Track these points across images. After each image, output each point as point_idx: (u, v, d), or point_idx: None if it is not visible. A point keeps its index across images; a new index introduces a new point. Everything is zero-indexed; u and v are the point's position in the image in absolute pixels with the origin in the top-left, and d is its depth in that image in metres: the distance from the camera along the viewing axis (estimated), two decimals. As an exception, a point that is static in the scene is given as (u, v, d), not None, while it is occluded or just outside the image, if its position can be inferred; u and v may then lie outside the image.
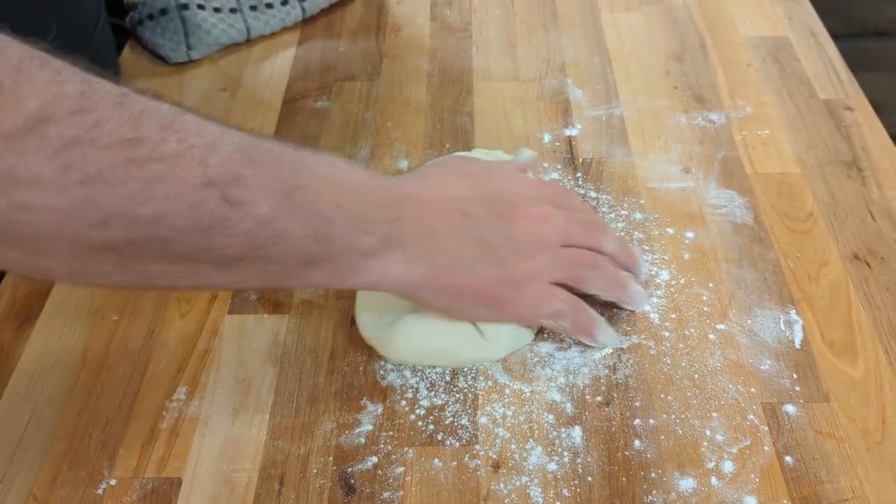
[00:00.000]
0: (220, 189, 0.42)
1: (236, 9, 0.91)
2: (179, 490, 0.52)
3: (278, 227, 0.45)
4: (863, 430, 0.54)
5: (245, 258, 0.45)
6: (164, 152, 0.40)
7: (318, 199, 0.47)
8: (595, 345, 0.58)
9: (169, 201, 0.40)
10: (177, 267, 0.43)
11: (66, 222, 0.38)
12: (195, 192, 0.41)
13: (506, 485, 0.52)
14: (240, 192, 0.42)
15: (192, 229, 0.41)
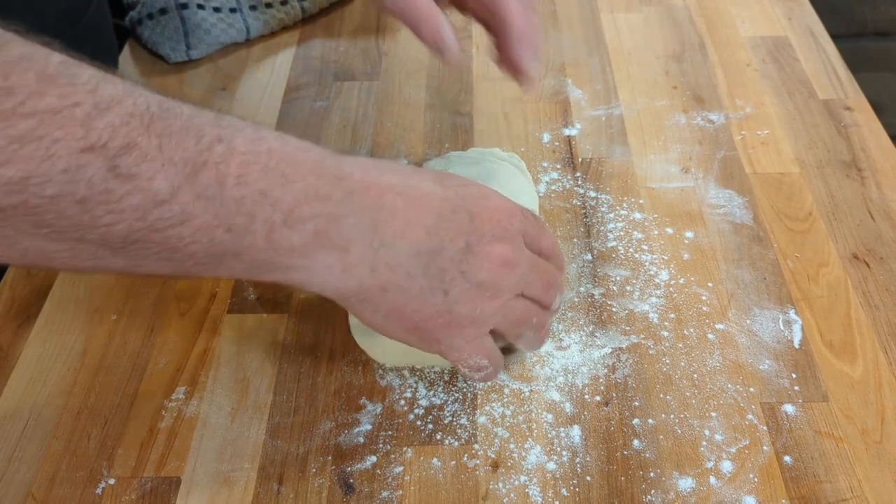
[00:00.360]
0: (105, 156, 0.36)
1: (236, 8, 0.91)
2: (178, 489, 0.52)
3: (177, 209, 0.38)
4: (862, 430, 0.54)
5: (138, 240, 0.38)
6: (36, 107, 0.34)
7: (234, 182, 0.39)
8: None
9: (35, 163, 0.34)
10: (60, 245, 0.38)
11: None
12: (70, 157, 0.35)
13: (505, 484, 0.52)
14: (131, 161, 0.36)
15: (65, 198, 0.35)
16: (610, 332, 0.60)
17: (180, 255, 0.40)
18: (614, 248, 0.66)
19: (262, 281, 0.46)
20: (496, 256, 0.48)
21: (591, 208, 0.70)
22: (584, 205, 0.70)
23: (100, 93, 0.36)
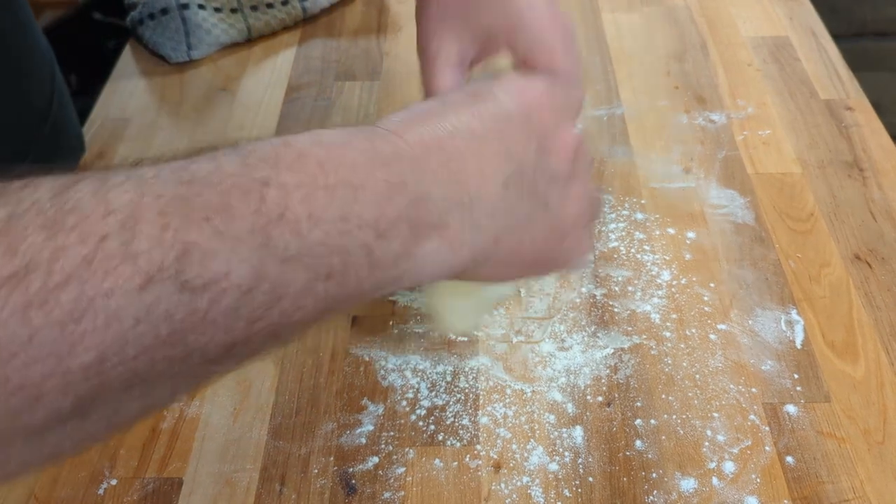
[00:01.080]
0: (171, 278, 0.29)
1: (237, 8, 0.91)
2: (180, 490, 0.52)
3: (267, 287, 0.31)
4: (864, 431, 0.54)
5: (237, 342, 0.32)
6: (67, 269, 0.27)
7: (310, 223, 0.33)
8: None
9: (102, 333, 0.27)
10: (158, 391, 0.31)
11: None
12: (132, 303, 0.28)
13: (507, 485, 0.51)
14: (199, 267, 0.29)
15: (152, 348, 0.29)
16: (612, 333, 0.60)
17: (287, 331, 0.34)
18: (616, 248, 0.66)
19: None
20: (568, 142, 0.43)
21: (593, 208, 0.70)
22: (586, 205, 0.70)
23: (114, 203, 0.29)
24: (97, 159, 0.77)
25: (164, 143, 0.79)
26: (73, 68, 1.14)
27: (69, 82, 1.14)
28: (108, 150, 0.78)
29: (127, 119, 0.82)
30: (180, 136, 0.80)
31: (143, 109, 0.83)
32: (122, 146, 0.79)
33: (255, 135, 0.78)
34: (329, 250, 0.33)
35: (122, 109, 0.83)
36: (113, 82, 0.87)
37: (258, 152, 0.34)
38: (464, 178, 0.39)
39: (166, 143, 0.79)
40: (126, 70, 0.88)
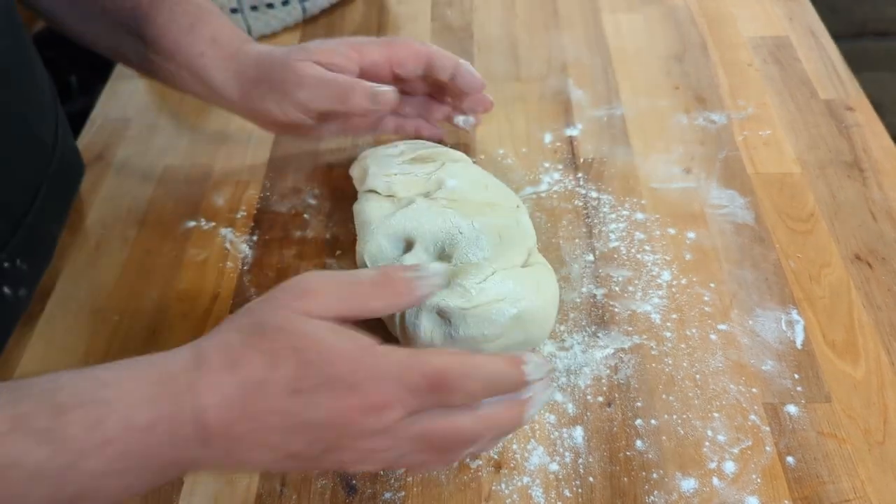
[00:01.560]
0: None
1: (237, 9, 0.91)
2: (181, 490, 0.52)
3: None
4: (864, 431, 0.54)
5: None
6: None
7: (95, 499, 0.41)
8: None
9: None
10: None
11: None
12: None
13: (507, 485, 0.51)
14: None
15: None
16: (612, 333, 0.60)
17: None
18: (616, 248, 0.66)
19: None
20: (358, 451, 0.44)
21: (593, 209, 0.70)
22: (586, 205, 0.70)
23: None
24: (97, 160, 0.77)
25: (164, 143, 0.79)
26: (73, 68, 1.14)
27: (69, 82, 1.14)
28: (108, 151, 0.78)
29: (127, 119, 0.82)
30: (180, 136, 0.80)
31: (143, 109, 0.83)
32: (122, 146, 0.79)
33: (256, 135, 0.78)
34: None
35: (122, 109, 0.83)
36: (113, 82, 0.87)
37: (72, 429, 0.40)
38: (233, 454, 0.43)
39: (166, 143, 0.79)
40: (126, 70, 0.88)
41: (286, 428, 0.43)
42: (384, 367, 0.43)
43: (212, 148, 0.78)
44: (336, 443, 0.43)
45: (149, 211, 0.72)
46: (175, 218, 0.70)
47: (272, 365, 0.43)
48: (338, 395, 0.43)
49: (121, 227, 0.70)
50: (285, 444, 0.43)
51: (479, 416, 0.44)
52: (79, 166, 0.73)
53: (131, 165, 0.77)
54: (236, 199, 0.72)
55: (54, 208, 0.66)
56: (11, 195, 0.60)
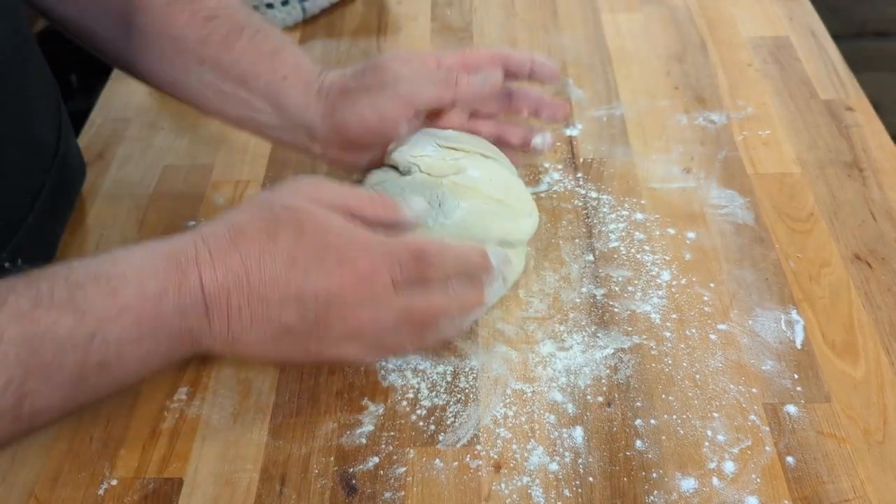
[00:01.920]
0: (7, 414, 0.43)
1: (237, 9, 0.91)
2: (181, 490, 0.52)
3: (75, 405, 0.47)
4: (864, 431, 0.54)
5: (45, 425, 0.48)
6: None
7: (117, 366, 0.47)
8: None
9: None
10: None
11: None
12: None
13: (507, 485, 0.51)
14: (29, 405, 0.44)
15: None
16: (612, 333, 0.60)
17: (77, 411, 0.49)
18: (616, 248, 0.66)
19: None
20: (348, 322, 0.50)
21: (593, 209, 0.70)
22: (586, 205, 0.70)
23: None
24: (97, 160, 0.77)
25: (164, 143, 0.79)
26: (73, 68, 1.14)
27: (69, 82, 1.14)
28: (108, 150, 0.78)
29: (127, 119, 0.82)
30: (180, 136, 0.80)
31: (143, 109, 0.83)
32: (122, 146, 0.79)
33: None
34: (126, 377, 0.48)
35: (122, 109, 0.83)
36: (113, 82, 0.87)
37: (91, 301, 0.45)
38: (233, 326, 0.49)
39: (166, 143, 0.79)
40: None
41: (281, 298, 0.48)
42: (374, 244, 0.50)
43: (212, 148, 0.78)
44: (327, 313, 0.49)
45: (149, 211, 0.72)
46: (175, 218, 0.70)
47: (272, 237, 0.48)
48: (331, 265, 0.49)
49: (121, 227, 0.70)
50: (279, 316, 0.48)
51: (449, 294, 0.52)
52: (81, 167, 0.74)
53: (131, 165, 0.77)
54: (236, 199, 0.72)
55: (56, 209, 0.67)
56: (13, 196, 0.60)
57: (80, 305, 0.45)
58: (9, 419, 0.43)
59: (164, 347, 0.48)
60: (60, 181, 0.67)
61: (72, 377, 0.44)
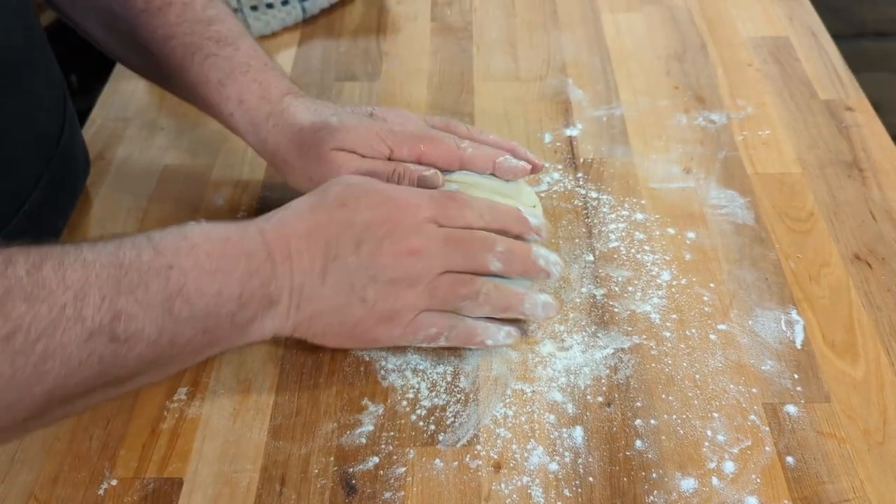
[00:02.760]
0: (105, 333, 0.44)
1: (237, 9, 0.91)
2: (180, 490, 0.52)
3: (167, 338, 0.47)
4: (864, 431, 0.54)
5: (140, 373, 0.48)
6: (40, 328, 0.41)
7: (198, 296, 0.48)
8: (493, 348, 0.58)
9: (58, 370, 0.42)
10: (82, 401, 0.46)
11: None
12: (82, 348, 0.42)
13: (507, 485, 0.51)
14: (124, 326, 0.44)
15: (89, 378, 0.44)
16: (612, 333, 0.60)
17: (172, 366, 0.50)
18: (616, 248, 0.66)
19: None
20: (399, 251, 0.54)
21: (593, 209, 0.70)
22: (586, 205, 0.70)
23: (70, 283, 0.43)
24: (98, 159, 0.77)
25: (164, 143, 0.79)
26: (73, 68, 1.14)
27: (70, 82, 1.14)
28: (108, 150, 0.78)
29: (127, 119, 0.82)
30: (180, 136, 0.80)
31: (143, 109, 0.83)
32: (122, 146, 0.79)
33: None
34: (207, 314, 0.49)
35: (122, 109, 0.83)
36: (113, 82, 0.87)
37: (165, 243, 0.48)
38: (296, 271, 0.53)
39: (166, 143, 0.79)
40: (126, 70, 0.88)
41: (337, 233, 0.53)
42: (413, 189, 0.58)
43: (212, 148, 0.78)
44: (380, 246, 0.53)
45: (149, 211, 0.72)
46: (175, 218, 0.70)
47: (323, 193, 0.56)
48: (377, 202, 0.55)
49: (121, 226, 0.70)
50: (336, 252, 0.53)
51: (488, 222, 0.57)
52: (85, 160, 0.74)
53: (131, 165, 0.77)
54: (236, 199, 0.72)
55: (57, 198, 0.67)
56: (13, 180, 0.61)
57: (156, 245, 0.48)
58: (106, 338, 0.43)
59: (235, 288, 0.50)
60: (63, 171, 0.67)
61: (158, 301, 0.46)
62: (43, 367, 0.41)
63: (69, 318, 0.42)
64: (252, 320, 0.52)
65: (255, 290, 0.51)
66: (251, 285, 0.51)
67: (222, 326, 0.50)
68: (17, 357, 0.40)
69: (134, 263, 0.46)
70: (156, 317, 0.46)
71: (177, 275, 0.47)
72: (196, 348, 0.50)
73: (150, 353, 0.46)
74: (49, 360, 0.41)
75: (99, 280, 0.44)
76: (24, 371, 0.41)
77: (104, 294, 0.44)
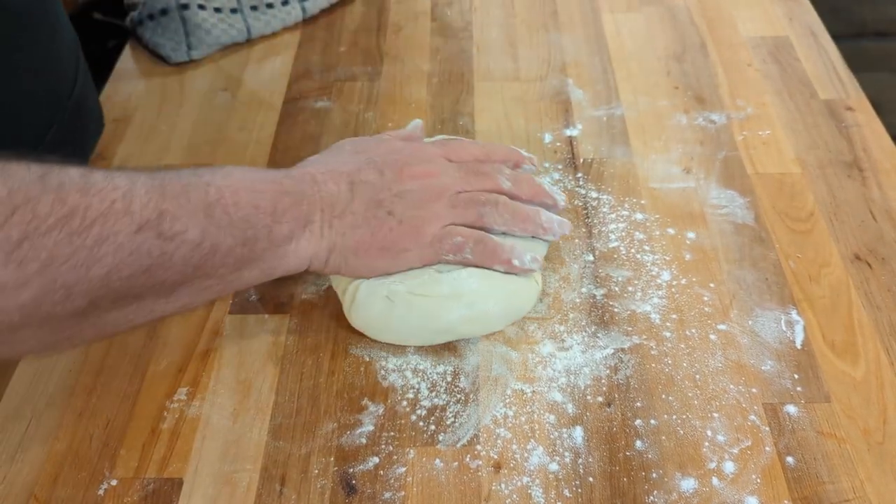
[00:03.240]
0: (152, 228, 0.46)
1: (237, 9, 0.91)
2: (180, 491, 0.52)
3: (210, 243, 0.50)
4: (864, 431, 0.54)
5: (185, 282, 0.50)
6: (94, 215, 0.44)
7: (235, 208, 0.51)
8: (519, 271, 0.59)
9: (112, 255, 0.45)
10: (128, 309, 0.48)
11: (32, 311, 0.43)
12: (132, 239, 0.45)
13: (507, 485, 0.51)
14: (169, 224, 0.47)
15: (138, 272, 0.46)
16: (612, 333, 0.60)
17: (211, 282, 0.51)
18: (616, 248, 0.66)
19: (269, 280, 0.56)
20: (418, 174, 0.59)
21: (593, 209, 0.70)
22: (586, 205, 0.70)
23: (119, 186, 0.46)
24: (98, 160, 0.77)
25: (164, 143, 0.79)
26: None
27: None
28: (108, 150, 0.78)
29: (127, 119, 0.82)
30: (180, 136, 0.80)
31: (143, 109, 0.83)
32: (122, 146, 0.79)
33: (256, 135, 0.78)
34: (246, 225, 0.52)
35: (122, 109, 0.83)
36: (113, 82, 0.87)
37: (202, 170, 0.52)
38: (324, 192, 0.57)
39: (166, 143, 0.79)
40: (126, 70, 0.88)
41: (357, 167, 0.59)
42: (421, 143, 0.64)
43: (212, 148, 0.78)
44: (400, 172, 0.59)
45: (148, 211, 0.72)
46: (175, 218, 0.70)
47: (337, 148, 0.62)
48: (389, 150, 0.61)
49: (120, 227, 0.70)
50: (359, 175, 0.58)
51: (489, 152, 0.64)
52: (98, 118, 0.78)
53: (131, 165, 0.77)
54: (236, 199, 0.72)
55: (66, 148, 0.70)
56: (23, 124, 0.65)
57: (193, 170, 0.52)
58: (154, 232, 0.46)
59: (269, 203, 0.53)
60: (73, 125, 0.70)
61: (199, 207, 0.49)
62: (98, 250, 0.44)
63: (119, 210, 0.45)
64: (289, 239, 0.54)
65: (288, 207, 0.54)
66: (284, 202, 0.54)
67: (260, 239, 0.53)
68: (75, 237, 0.43)
69: (174, 179, 0.50)
70: (198, 220, 0.49)
71: (214, 190, 0.51)
72: (237, 261, 0.52)
73: (194, 258, 0.49)
74: (104, 245, 0.44)
75: (144, 186, 0.47)
76: (82, 252, 0.43)
77: (150, 196, 0.47)
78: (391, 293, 0.57)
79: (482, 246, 0.58)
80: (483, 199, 0.59)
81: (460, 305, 0.57)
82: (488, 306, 0.58)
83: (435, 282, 0.58)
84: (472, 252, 0.58)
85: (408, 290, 0.57)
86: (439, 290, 0.57)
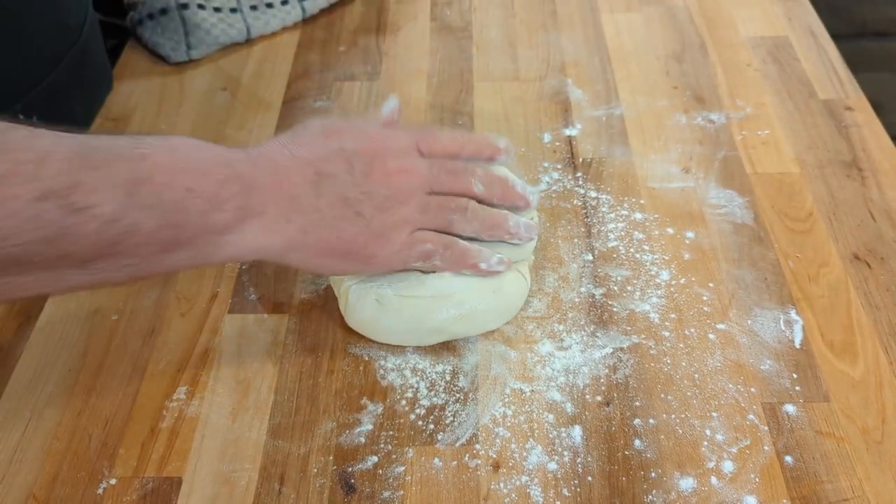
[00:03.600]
0: (59, 198, 0.43)
1: (236, 8, 0.91)
2: (179, 490, 0.52)
3: (127, 222, 0.46)
4: (862, 430, 0.54)
5: (101, 256, 0.46)
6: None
7: (166, 188, 0.48)
8: (486, 273, 0.58)
9: (6, 220, 0.42)
10: (36, 275, 0.46)
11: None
12: (30, 207, 0.43)
13: (506, 484, 0.52)
14: (81, 196, 0.44)
15: (36, 241, 0.44)
16: (611, 333, 0.60)
17: (134, 260, 0.48)
18: (615, 248, 0.66)
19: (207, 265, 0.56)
20: (388, 170, 0.56)
21: (592, 208, 0.70)
22: (585, 205, 0.70)
23: (36, 148, 0.44)
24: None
25: (163, 142, 0.79)
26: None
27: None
28: (107, 149, 0.78)
29: (127, 118, 0.82)
30: (180, 135, 0.80)
31: (142, 109, 0.83)
32: (121, 146, 0.79)
33: (255, 135, 0.78)
34: (175, 207, 0.48)
35: (121, 109, 0.83)
36: (113, 82, 0.87)
37: (148, 139, 0.49)
38: (285, 184, 0.53)
39: (166, 142, 0.79)
40: (126, 70, 0.88)
41: (326, 154, 0.55)
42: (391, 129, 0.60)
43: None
44: (371, 165, 0.55)
45: (148, 211, 0.72)
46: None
47: (303, 128, 0.57)
48: (358, 135, 0.57)
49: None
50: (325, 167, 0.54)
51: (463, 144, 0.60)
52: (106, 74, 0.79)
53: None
54: (235, 198, 0.72)
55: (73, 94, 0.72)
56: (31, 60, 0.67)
57: (138, 139, 0.49)
58: (59, 202, 0.43)
59: (210, 188, 0.49)
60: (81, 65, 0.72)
61: (121, 182, 0.46)
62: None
63: (24, 174, 0.43)
64: (229, 228, 0.50)
65: (234, 195, 0.50)
66: (229, 189, 0.50)
67: (192, 225, 0.49)
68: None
69: (106, 145, 0.47)
70: (116, 196, 0.45)
71: (149, 165, 0.47)
72: (163, 243, 0.48)
73: (108, 234, 0.46)
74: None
75: (67, 152, 0.45)
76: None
77: (67, 164, 0.44)
78: (379, 296, 0.57)
79: (450, 252, 0.57)
80: (453, 205, 0.57)
81: (449, 305, 0.58)
82: (476, 305, 0.58)
83: (421, 283, 0.58)
84: (440, 258, 0.57)
85: (395, 292, 0.57)
86: (425, 292, 0.58)
